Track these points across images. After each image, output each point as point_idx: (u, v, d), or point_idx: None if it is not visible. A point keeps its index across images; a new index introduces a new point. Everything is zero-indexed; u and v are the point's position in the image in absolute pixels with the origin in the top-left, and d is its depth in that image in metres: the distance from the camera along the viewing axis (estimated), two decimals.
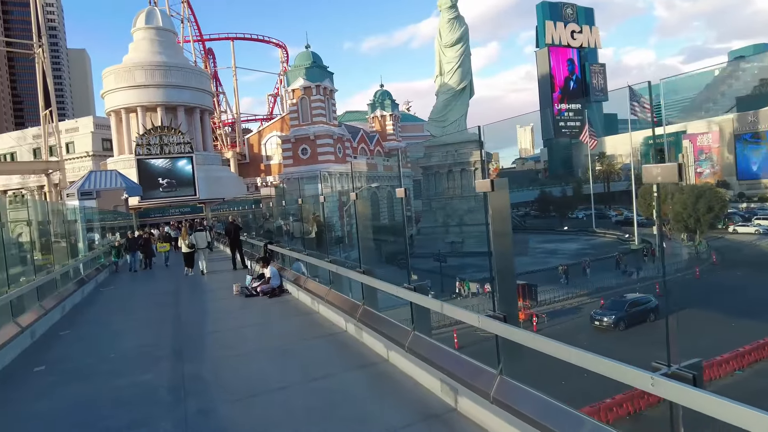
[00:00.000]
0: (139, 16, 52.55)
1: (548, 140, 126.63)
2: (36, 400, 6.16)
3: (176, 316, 10.60)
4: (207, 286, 14.57)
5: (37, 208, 17.50)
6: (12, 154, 69.62)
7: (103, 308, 12.42)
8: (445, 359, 5.19)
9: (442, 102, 68.24)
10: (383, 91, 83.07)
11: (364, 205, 7.17)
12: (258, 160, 69.54)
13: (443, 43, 68.60)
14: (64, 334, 9.52)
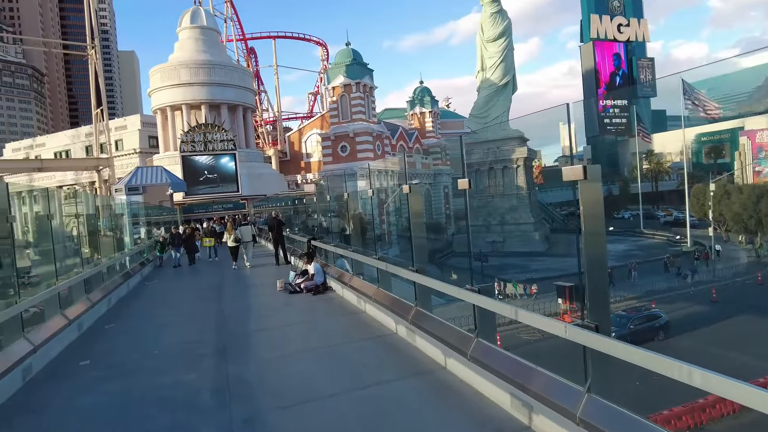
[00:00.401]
0: (185, 15, 53.65)
1: (592, 137, 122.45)
2: (80, 395, 5.96)
3: (219, 311, 10.39)
4: (250, 281, 14.40)
5: (89, 202, 17.83)
6: (67, 151, 72.68)
7: (148, 302, 12.40)
8: (517, 371, 4.60)
9: (483, 98, 66.91)
10: (423, 88, 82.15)
11: (418, 200, 6.62)
12: (298, 158, 70.05)
13: (485, 37, 67.22)
14: (109, 328, 9.43)
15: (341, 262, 11.93)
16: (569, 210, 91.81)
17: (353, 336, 7.53)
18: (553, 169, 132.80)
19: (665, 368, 3.02)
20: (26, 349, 6.79)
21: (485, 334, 5.33)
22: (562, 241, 65.78)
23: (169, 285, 15.58)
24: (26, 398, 5.99)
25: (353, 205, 10.85)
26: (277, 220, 17.31)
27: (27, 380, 6.55)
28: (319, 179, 59.14)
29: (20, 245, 27.92)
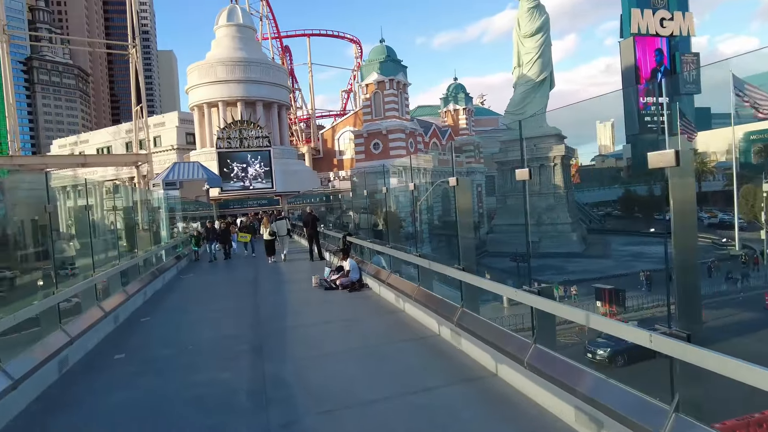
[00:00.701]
0: (222, 14, 54.47)
1: (632, 136, 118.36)
2: (114, 390, 5.78)
3: (255, 306, 10.18)
4: (285, 277, 14.21)
5: (128, 196, 18.10)
6: (108, 147, 75.04)
7: (183, 296, 12.34)
8: (583, 382, 4.12)
9: (520, 94, 65.47)
10: (457, 85, 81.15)
11: (466, 195, 6.17)
12: (331, 155, 70.28)
13: (522, 33, 65.69)
14: (144, 321, 9.34)
15: (377, 259, 11.57)
16: (606, 210, 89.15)
17: (393, 336, 7.14)
18: (590, 169, 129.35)
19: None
20: (63, 340, 6.68)
21: (544, 339, 4.85)
22: (599, 242, 63.88)
23: (204, 279, 15.57)
24: (61, 391, 5.86)
25: (390, 201, 10.44)
26: (312, 215, 17.09)
27: (63, 372, 6.43)
28: (351, 176, 59.13)
29: (65, 237, 28.73)
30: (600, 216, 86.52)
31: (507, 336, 5.36)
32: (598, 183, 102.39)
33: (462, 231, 6.40)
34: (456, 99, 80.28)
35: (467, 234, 6.41)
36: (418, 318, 7.78)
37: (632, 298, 35.05)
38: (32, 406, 5.44)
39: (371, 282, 10.96)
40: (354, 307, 9.45)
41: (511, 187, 66.78)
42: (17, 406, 5.25)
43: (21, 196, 10.92)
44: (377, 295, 10.15)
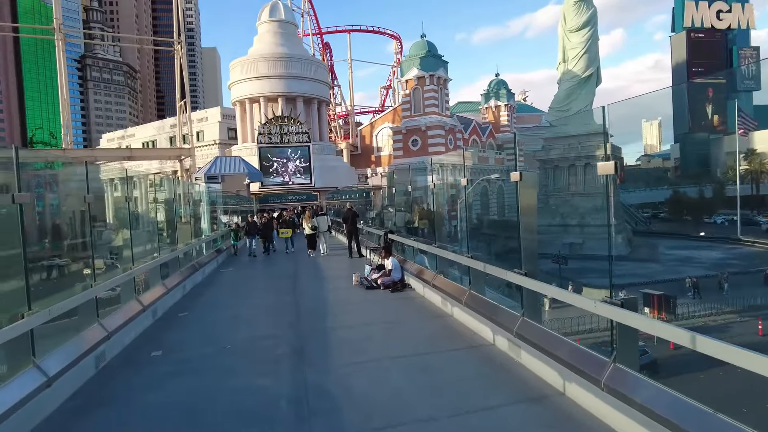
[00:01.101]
0: (264, 9, 54.85)
1: (681, 135, 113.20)
2: (148, 391, 5.49)
3: (294, 303, 9.82)
4: (325, 274, 13.85)
5: (173, 188, 18.19)
6: (153, 141, 77.20)
7: (222, 290, 12.14)
8: (677, 411, 3.47)
9: (564, 90, 63.41)
10: (498, 81, 79.34)
11: (530, 192, 5.55)
12: (369, 152, 70.01)
13: (568, 27, 63.55)
14: (183, 316, 9.12)
15: (420, 259, 11.04)
16: (652, 212, 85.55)
17: (443, 344, 6.59)
18: (635, 169, 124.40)
19: None
20: (100, 335, 6.46)
21: (626, 358, 4.21)
22: (645, 246, 61.11)
23: (243, 273, 15.39)
24: (97, 388, 5.61)
25: (436, 197, 9.87)
26: (351, 211, 16.69)
27: (100, 368, 6.21)
28: (390, 172, 58.68)
29: (112, 227, 29.41)
30: (646, 218, 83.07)
31: (579, 352, 4.73)
32: (643, 183, 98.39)
33: (525, 232, 5.79)
34: (497, 95, 78.52)
35: (530, 235, 5.79)
36: (468, 324, 7.20)
37: (681, 306, 33.25)
38: (67, 404, 5.20)
39: (414, 282, 10.44)
40: (397, 308, 8.95)
41: (553, 187, 64.88)
42: (51, 405, 5.02)
43: (72, 188, 10.95)
44: (421, 297, 9.62)
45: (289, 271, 14.81)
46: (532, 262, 5.77)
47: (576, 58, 63.39)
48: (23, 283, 5.06)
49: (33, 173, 34.01)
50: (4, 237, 4.98)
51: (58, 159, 50.41)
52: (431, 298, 9.11)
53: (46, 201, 36.38)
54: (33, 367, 4.96)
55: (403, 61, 64.49)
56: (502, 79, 79.94)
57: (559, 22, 65.58)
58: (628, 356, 4.23)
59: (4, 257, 5.02)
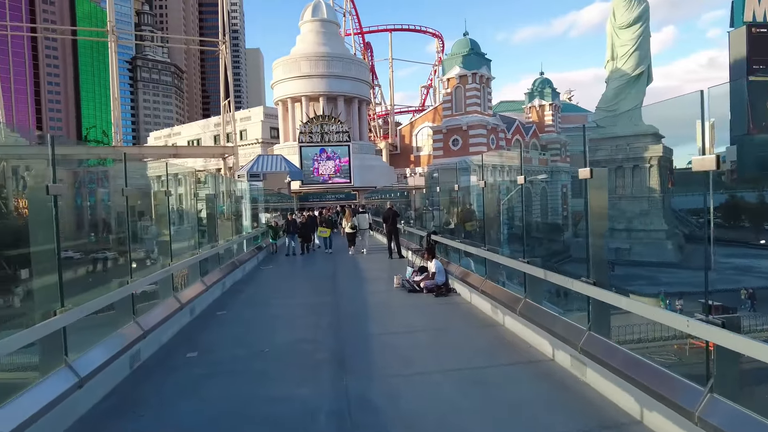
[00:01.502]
0: (306, 9, 55.18)
1: (739, 137, 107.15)
2: (181, 397, 5.19)
3: (334, 305, 9.42)
4: (365, 274, 13.45)
5: (216, 185, 18.27)
6: (198, 140, 79.22)
7: (261, 289, 11.89)
8: None
9: (613, 89, 61.06)
10: (543, 79, 77.19)
11: (601, 193, 4.93)
12: (408, 151, 69.48)
13: (617, 23, 61.14)
14: (221, 314, 8.89)
15: (466, 262, 10.45)
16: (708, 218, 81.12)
17: (497, 357, 6.03)
18: (688, 172, 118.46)
19: None
20: (136, 333, 6.23)
21: (725, 387, 3.56)
22: (699, 253, 57.97)
23: (282, 272, 15.16)
24: (130, 390, 5.36)
25: (486, 197, 9.26)
26: (392, 211, 16.24)
27: (134, 368, 5.98)
28: (430, 172, 57.98)
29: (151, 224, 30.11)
30: (699, 224, 79.15)
31: (662, 376, 4.09)
32: (696, 187, 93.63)
33: (593, 236, 5.16)
34: (542, 94, 76.42)
35: (599, 240, 5.15)
36: (523, 336, 6.61)
37: (744, 318, 31.18)
38: (99, 407, 4.95)
39: (459, 287, 9.88)
40: (443, 314, 8.42)
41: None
42: (82, 407, 4.77)
43: (121, 184, 10.95)
44: (468, 303, 9.05)
45: (329, 270, 14.49)
46: (601, 270, 5.14)
47: (626, 55, 60.88)
48: (61, 278, 4.84)
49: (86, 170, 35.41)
50: (44, 231, 4.75)
51: (108, 156, 52.41)
52: (479, 304, 8.53)
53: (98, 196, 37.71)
54: (65, 367, 4.73)
55: (445, 59, 63.59)
56: (546, 78, 77.75)
57: (608, 19, 63.17)
58: (729, 385, 3.57)
59: (40, 252, 4.80)
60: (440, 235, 11.85)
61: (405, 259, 15.22)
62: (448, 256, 11.72)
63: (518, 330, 6.79)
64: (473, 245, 9.41)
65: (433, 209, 18.22)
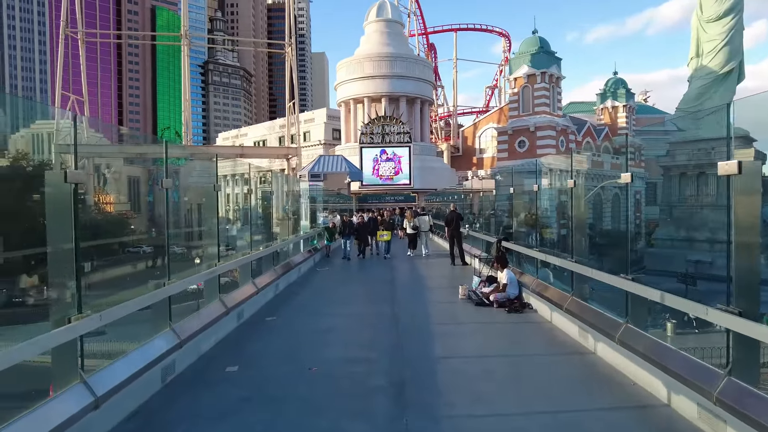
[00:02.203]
0: (371, 10, 54.94)
1: None
2: (215, 421, 4.39)
3: (393, 317, 8.45)
4: (426, 282, 12.41)
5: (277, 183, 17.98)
6: (264, 141, 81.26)
7: (314, 294, 11.12)
8: None
9: (697, 89, 56.23)
10: (617, 79, 72.78)
11: (753, 201, 3.61)
12: (471, 153, 67.65)
13: (705, 17, 56.26)
14: (270, 321, 8.17)
15: (544, 273, 9.18)
16: None
17: (594, 397, 4.83)
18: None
19: None
20: (170, 343, 5.55)
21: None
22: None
23: (337, 277, 14.34)
24: (156, 411, 4.64)
25: (577, 201, 7.94)
26: (455, 213, 15.10)
27: (166, 382, 5.30)
28: (494, 174, 56.01)
29: (223, 221, 30.67)
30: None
31: None
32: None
33: (740, 252, 3.87)
34: (615, 95, 72.05)
35: (749, 256, 3.85)
36: (624, 369, 5.35)
37: None
38: (121, 428, 4.27)
39: (536, 302, 8.64)
40: (519, 336, 7.24)
41: (678, 197, 57.83)
42: (101, 428, 4.10)
43: (191, 182, 10.81)
44: (548, 323, 7.81)
45: (386, 276, 13.55)
46: (750, 297, 3.84)
47: (713, 51, 55.86)
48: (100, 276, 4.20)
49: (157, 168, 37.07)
50: (61, 224, 4.11)
51: (178, 155, 54.52)
52: (563, 325, 7.28)
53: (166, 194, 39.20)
54: (79, 383, 4.05)
55: (512, 58, 61.30)
56: (620, 78, 73.28)
57: (694, 12, 58.39)
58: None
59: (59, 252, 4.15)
60: (513, 242, 10.60)
61: (469, 267, 14.06)
62: (520, 266, 10.47)
63: (616, 361, 5.53)
64: (555, 255, 8.15)
65: (501, 213, 16.97)
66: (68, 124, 37.43)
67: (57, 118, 50.60)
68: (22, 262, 15.58)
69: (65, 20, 51.51)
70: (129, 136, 56.70)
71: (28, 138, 51.36)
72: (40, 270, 14.91)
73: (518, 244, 10.29)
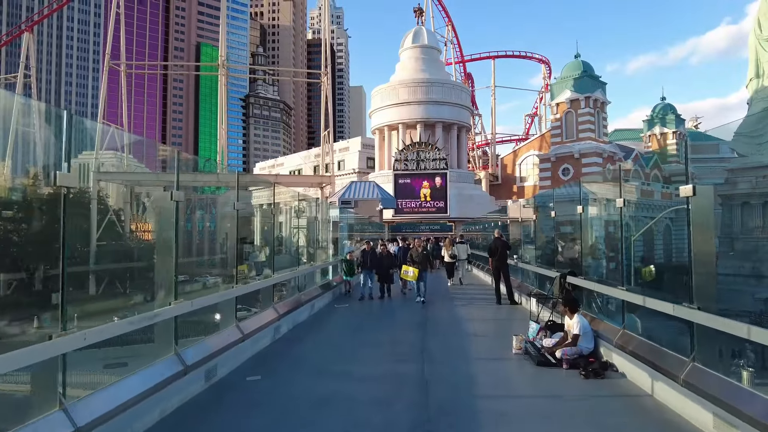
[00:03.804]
0: (407, 37, 53.92)
1: None
2: None
3: (420, 385, 6.02)
4: (467, 327, 9.84)
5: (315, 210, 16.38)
6: (299, 170, 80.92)
7: (322, 342, 8.66)
8: None
9: (759, 112, 52.18)
10: (665, 105, 68.99)
11: None
12: (510, 182, 64.82)
13: (765, 35, 52.65)
14: (251, 382, 5.99)
15: (632, 320, 6.68)
16: None
17: None
18: None
19: None
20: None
21: None
22: None
23: (357, 320, 11.28)
24: None
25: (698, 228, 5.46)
26: (501, 241, 12.65)
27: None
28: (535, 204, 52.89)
29: (256, 248, 29.35)
30: None
31: None
32: None
33: None
34: (664, 121, 68.15)
35: None
36: None
37: None
38: None
39: (622, 362, 6.15)
40: (611, 421, 4.76)
41: (740, 228, 53.08)
42: None
43: (227, 211, 9.50)
44: (648, 397, 5.30)
45: (417, 318, 10.97)
46: None
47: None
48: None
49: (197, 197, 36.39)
50: None
51: (210, 183, 54.17)
52: (678, 404, 4.78)
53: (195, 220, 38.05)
54: (58, 411, 3.32)
55: (554, 83, 58.86)
56: (669, 104, 69.46)
57: (751, 31, 54.81)
58: None
59: None
60: (581, 277, 8.12)
61: (520, 307, 11.55)
62: (590, 307, 7.98)
63: None
64: (662, 299, 5.66)
65: (562, 239, 14.46)
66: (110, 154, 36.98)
67: (96, 148, 51.09)
68: None
69: (109, 53, 52.69)
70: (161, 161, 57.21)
71: (75, 168, 50.52)
72: None
73: (590, 279, 7.82)
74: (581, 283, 7.76)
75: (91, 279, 18.15)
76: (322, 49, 57.47)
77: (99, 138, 50.25)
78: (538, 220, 11.81)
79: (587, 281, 7.73)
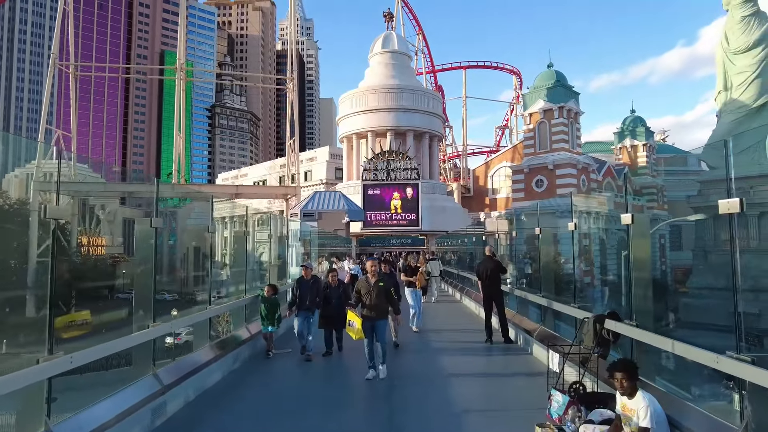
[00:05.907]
0: (377, 41, 51.80)
1: None
2: None
3: None
4: (454, 390, 6.66)
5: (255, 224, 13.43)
6: (264, 180, 77.37)
7: (240, 422, 5.60)
8: None
9: (728, 123, 51.97)
10: (635, 117, 68.91)
11: None
12: (482, 194, 63.07)
13: (732, 48, 52.64)
14: None
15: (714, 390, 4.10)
16: None
17: None
18: None
19: None
20: None
21: None
22: None
23: (284, 394, 6.96)
24: None
25: None
26: (493, 261, 9.93)
27: None
28: (517, 215, 51.02)
29: (218, 265, 26.12)
30: None
31: None
32: None
33: None
34: (634, 133, 67.99)
35: None
36: None
37: None
38: None
39: None
40: None
41: (713, 242, 52.46)
42: None
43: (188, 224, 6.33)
44: None
45: (378, 392, 6.92)
46: None
47: (744, 84, 51.86)
48: None
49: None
50: None
51: (166, 195, 50.28)
52: None
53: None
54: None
55: (527, 93, 57.60)
56: (639, 116, 69.44)
57: (718, 44, 54.85)
58: None
59: None
60: (629, 322, 5.48)
61: (516, 347, 8.91)
62: (647, 369, 5.35)
63: None
64: None
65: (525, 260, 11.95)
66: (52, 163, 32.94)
67: (39, 156, 46.59)
68: None
69: (56, 52, 48.57)
70: (120, 173, 52.60)
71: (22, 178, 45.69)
72: None
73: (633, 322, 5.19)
74: (624, 330, 5.12)
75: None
76: (288, 54, 54.63)
77: (41, 147, 46.07)
78: (542, 232, 9.11)
79: (643, 332, 5.08)
